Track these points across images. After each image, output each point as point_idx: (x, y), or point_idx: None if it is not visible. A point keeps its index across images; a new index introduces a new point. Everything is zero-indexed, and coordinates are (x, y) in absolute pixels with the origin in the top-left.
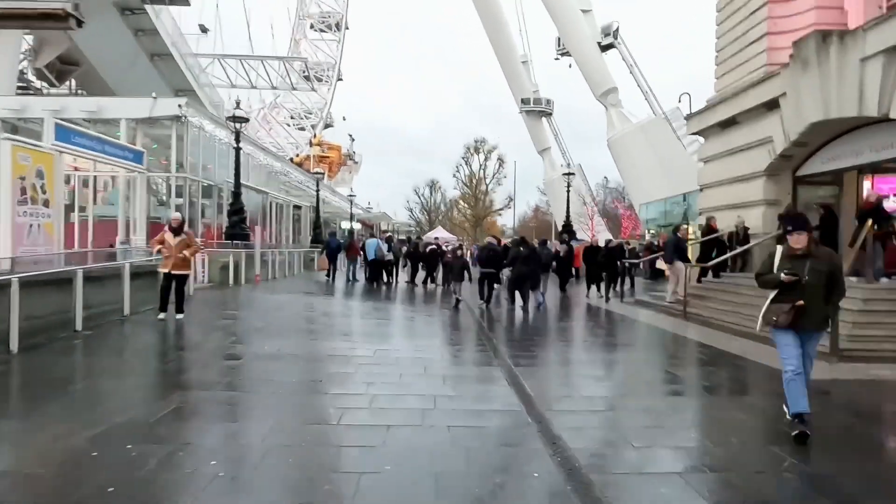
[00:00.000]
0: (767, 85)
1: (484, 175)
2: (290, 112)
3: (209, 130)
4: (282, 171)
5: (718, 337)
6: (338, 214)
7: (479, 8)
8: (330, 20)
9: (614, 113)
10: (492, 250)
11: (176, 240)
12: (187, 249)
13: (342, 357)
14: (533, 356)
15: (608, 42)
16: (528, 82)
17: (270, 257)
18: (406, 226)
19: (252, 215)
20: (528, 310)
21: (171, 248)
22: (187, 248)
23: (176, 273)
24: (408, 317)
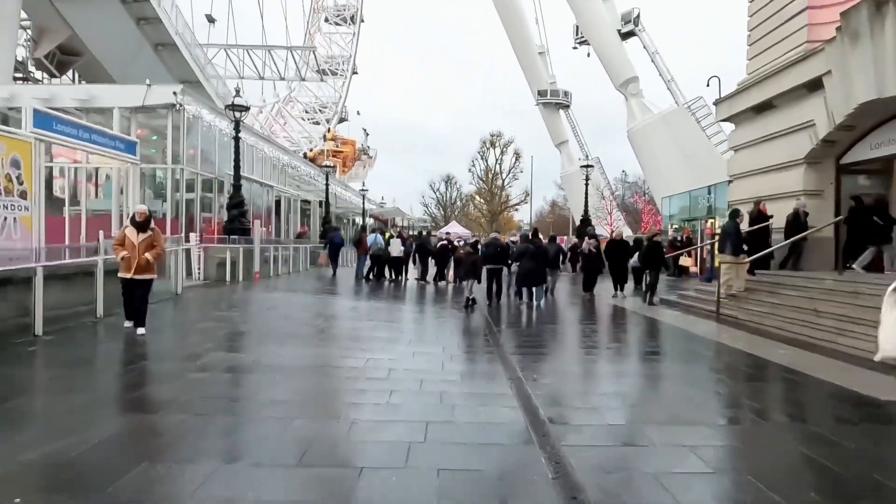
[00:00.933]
0: (809, 63)
1: (500, 170)
2: (304, 106)
3: (209, 120)
4: (289, 165)
5: (759, 344)
6: (350, 209)
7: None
8: (345, 13)
9: (635, 103)
10: (497, 246)
11: (140, 237)
12: (151, 251)
13: (327, 369)
14: (548, 369)
15: (629, 29)
16: (545, 73)
17: (273, 253)
18: (421, 221)
19: (256, 210)
20: (540, 307)
21: (134, 247)
22: (152, 248)
23: (138, 278)
24: (410, 319)
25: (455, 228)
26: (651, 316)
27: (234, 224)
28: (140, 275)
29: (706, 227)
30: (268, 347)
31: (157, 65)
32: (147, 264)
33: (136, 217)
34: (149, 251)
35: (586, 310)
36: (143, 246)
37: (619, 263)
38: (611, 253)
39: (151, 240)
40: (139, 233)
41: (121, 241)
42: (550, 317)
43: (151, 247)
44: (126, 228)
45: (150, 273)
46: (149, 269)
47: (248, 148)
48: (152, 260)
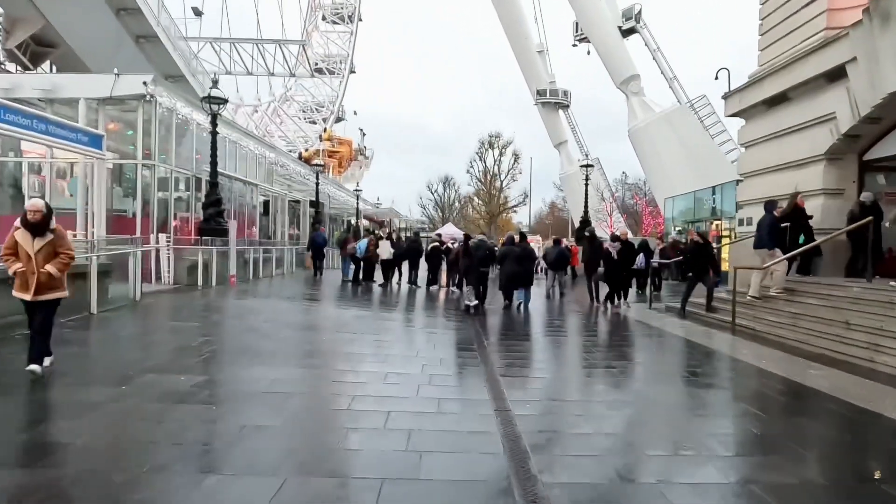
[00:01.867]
0: (830, 51)
1: (498, 171)
2: (300, 105)
3: (185, 114)
4: (277, 163)
5: (786, 362)
6: (345, 210)
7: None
8: (343, 11)
9: (636, 102)
10: (485, 248)
11: (37, 244)
12: (54, 261)
13: (274, 397)
14: (543, 395)
15: (630, 26)
16: (545, 73)
17: (253, 255)
18: (419, 223)
19: (238, 209)
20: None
21: (30, 258)
22: (55, 256)
23: (41, 300)
24: (391, 330)
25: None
26: (658, 326)
27: (209, 224)
28: (43, 295)
29: (711, 229)
30: (214, 367)
31: (139, 58)
32: (50, 280)
33: (28, 215)
34: (51, 261)
35: (587, 320)
36: (43, 255)
37: (623, 268)
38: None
39: (53, 246)
40: (35, 238)
41: (11, 250)
42: (548, 328)
43: (54, 255)
44: (17, 231)
45: (55, 291)
46: (54, 287)
47: (230, 144)
48: (57, 273)
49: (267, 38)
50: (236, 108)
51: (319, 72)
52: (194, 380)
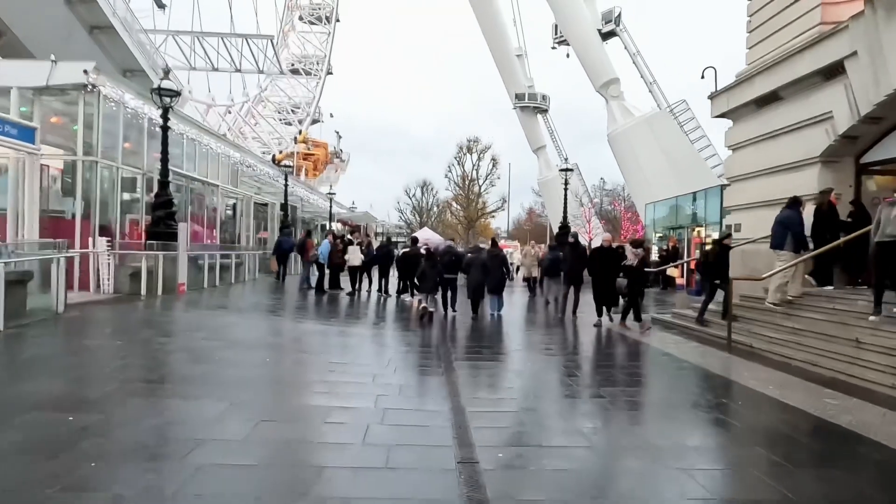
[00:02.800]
0: (827, 45)
1: (477, 175)
2: (276, 106)
3: (134, 107)
4: (243, 163)
5: (796, 388)
6: (319, 214)
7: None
8: (320, 12)
9: (616, 106)
10: (452, 255)
11: None
12: None
13: (176, 444)
14: (516, 436)
15: (609, 29)
16: (523, 76)
17: (209, 261)
18: (397, 227)
19: (196, 212)
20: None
21: None
22: None
23: None
24: (347, 349)
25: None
26: (645, 342)
27: (158, 227)
28: None
29: (693, 236)
30: (117, 402)
31: (94, 50)
32: None
33: None
34: None
35: (564, 336)
36: None
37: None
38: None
39: None
40: None
41: None
42: (524, 345)
43: None
44: None
45: None
46: None
47: (187, 142)
48: None
49: (232, 33)
50: (208, 109)
51: (296, 72)
52: (86, 420)
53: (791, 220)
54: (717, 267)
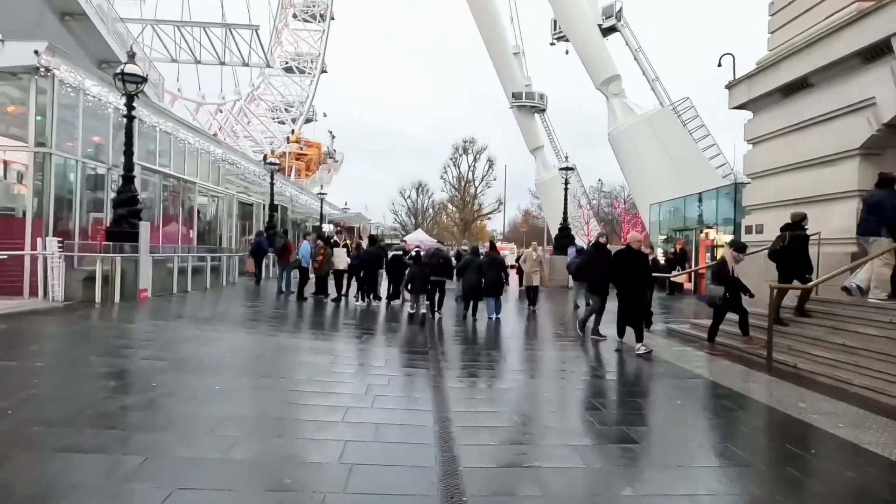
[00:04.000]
0: (870, 22)
1: (473, 177)
2: (269, 104)
3: (97, 94)
4: (226, 160)
5: (875, 428)
6: (310, 215)
7: None
8: (314, 9)
9: (617, 103)
10: (440, 257)
11: None
12: None
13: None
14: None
15: (610, 24)
16: (520, 75)
17: (179, 264)
18: (391, 229)
19: (169, 211)
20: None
21: None
22: None
23: None
24: (318, 370)
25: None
26: (666, 359)
27: (120, 226)
28: None
29: (701, 237)
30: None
31: (66, 39)
32: None
33: None
34: None
35: (576, 352)
36: None
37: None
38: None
39: None
40: None
41: None
42: (530, 367)
43: None
44: None
45: None
46: None
47: (161, 135)
48: None
49: (214, 22)
50: (198, 107)
51: (289, 70)
52: None
53: (885, 202)
54: (791, 258)
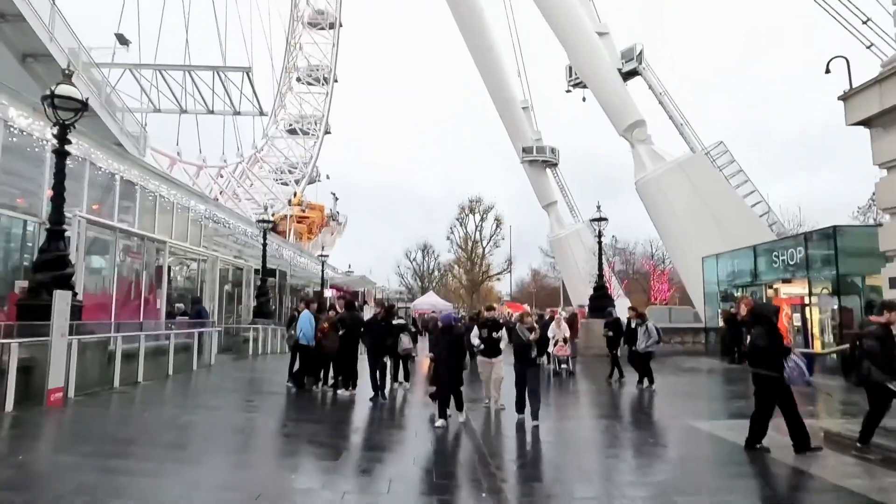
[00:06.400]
0: None
1: (480, 237)
2: (272, 166)
3: (23, 128)
4: (209, 217)
5: None
6: (310, 280)
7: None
8: (318, 73)
9: (643, 150)
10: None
11: None
12: None
13: None
14: None
15: (631, 68)
16: (530, 129)
17: (123, 346)
18: (397, 293)
19: (127, 275)
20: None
21: None
22: None
23: None
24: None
25: (431, 300)
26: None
27: (38, 297)
28: None
29: (779, 295)
30: None
31: (27, 83)
32: None
33: None
34: None
35: None
36: None
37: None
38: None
39: None
40: None
41: None
42: None
43: None
44: None
45: None
46: None
47: (123, 185)
48: None
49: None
50: (198, 170)
51: (293, 132)
52: None
53: None
54: None
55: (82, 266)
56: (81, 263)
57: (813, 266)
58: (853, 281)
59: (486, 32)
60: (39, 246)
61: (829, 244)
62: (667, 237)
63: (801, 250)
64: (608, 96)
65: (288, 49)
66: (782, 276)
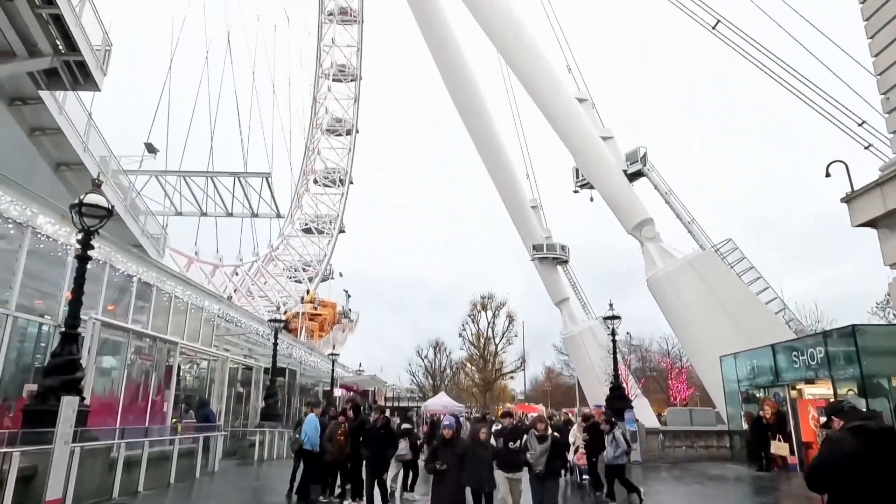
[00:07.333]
0: None
1: (492, 334)
2: (286, 264)
3: (50, 234)
4: (221, 316)
5: None
6: (320, 379)
7: (484, 157)
8: (334, 175)
9: (653, 248)
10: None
11: None
12: None
13: None
14: None
15: (636, 169)
16: (539, 228)
17: (125, 452)
18: (408, 392)
19: (136, 377)
20: None
21: None
22: None
23: None
24: None
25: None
26: None
27: (46, 402)
28: None
29: (803, 396)
30: None
31: (59, 189)
32: None
33: None
34: None
35: None
36: None
37: None
38: None
39: None
40: None
41: None
42: None
43: None
44: None
45: None
46: None
47: (139, 286)
48: None
49: (223, 171)
50: (214, 269)
51: (308, 231)
52: None
53: None
54: None
55: (93, 368)
56: (92, 366)
57: (835, 366)
58: (879, 382)
59: (496, 137)
60: (53, 349)
61: (850, 343)
62: (682, 335)
63: (822, 350)
64: (615, 197)
65: (306, 154)
66: (804, 376)
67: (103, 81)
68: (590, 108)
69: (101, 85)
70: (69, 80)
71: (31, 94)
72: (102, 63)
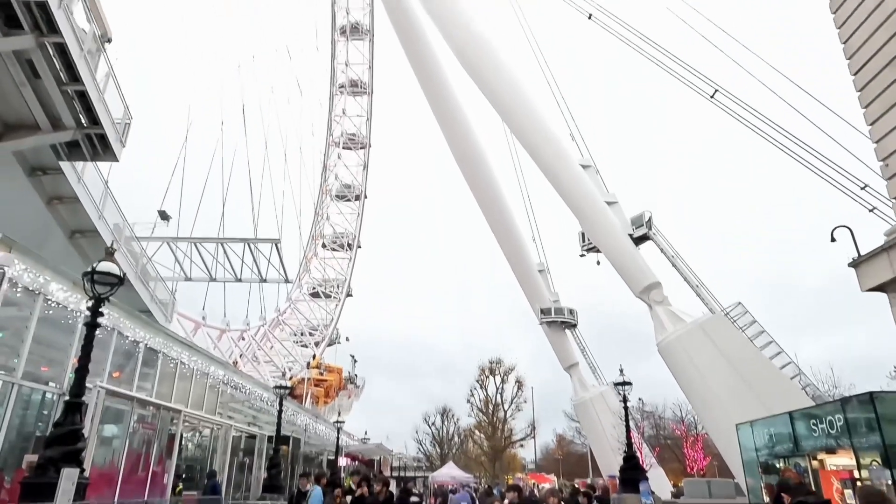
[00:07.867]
0: None
1: (501, 400)
2: (293, 328)
3: (61, 301)
4: (226, 383)
5: None
6: (325, 447)
7: (492, 223)
8: (342, 240)
9: (662, 311)
10: None
11: None
12: None
13: None
14: None
15: (641, 233)
16: (547, 292)
17: None
18: (415, 460)
19: (138, 446)
20: None
21: None
22: None
23: None
24: None
25: (453, 472)
26: None
27: (46, 474)
28: None
29: (825, 467)
30: None
31: (73, 257)
32: None
33: None
34: None
35: None
36: None
37: None
38: None
39: None
40: None
41: None
42: None
43: None
44: None
45: None
46: None
47: (145, 352)
48: None
49: (233, 238)
50: (221, 334)
51: (315, 296)
52: None
53: None
54: None
55: (94, 438)
56: (94, 435)
57: (855, 434)
58: None
59: (503, 202)
60: (56, 419)
61: (869, 410)
62: (696, 401)
63: (841, 417)
64: (622, 261)
65: (316, 219)
66: (825, 445)
67: (122, 152)
68: (594, 174)
69: (119, 156)
70: (89, 152)
71: (52, 165)
72: (122, 135)
